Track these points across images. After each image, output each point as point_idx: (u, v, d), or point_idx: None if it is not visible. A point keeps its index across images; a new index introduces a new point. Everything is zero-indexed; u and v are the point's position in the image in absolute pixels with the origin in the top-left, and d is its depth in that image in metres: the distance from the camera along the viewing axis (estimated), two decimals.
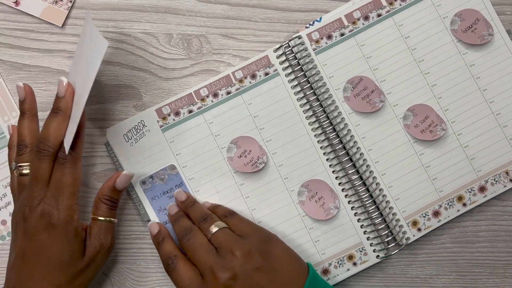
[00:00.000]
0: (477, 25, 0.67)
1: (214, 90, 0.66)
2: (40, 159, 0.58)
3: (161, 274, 0.67)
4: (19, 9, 0.68)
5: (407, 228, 0.66)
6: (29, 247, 0.57)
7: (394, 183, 0.66)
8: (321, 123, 0.66)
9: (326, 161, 0.66)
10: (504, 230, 0.68)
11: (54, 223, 0.57)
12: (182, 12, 0.69)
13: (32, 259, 0.57)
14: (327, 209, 0.65)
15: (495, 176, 0.66)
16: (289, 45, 0.66)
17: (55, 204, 0.57)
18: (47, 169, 0.58)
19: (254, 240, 0.58)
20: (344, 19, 0.67)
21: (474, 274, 0.67)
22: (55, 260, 0.57)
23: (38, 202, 0.57)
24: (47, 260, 0.57)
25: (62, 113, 0.58)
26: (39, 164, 0.58)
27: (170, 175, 0.66)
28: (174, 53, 0.68)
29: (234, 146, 0.65)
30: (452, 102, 0.67)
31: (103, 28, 0.68)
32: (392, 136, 0.66)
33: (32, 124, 0.61)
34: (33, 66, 0.68)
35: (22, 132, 0.61)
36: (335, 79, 0.66)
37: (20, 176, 0.60)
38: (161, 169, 0.66)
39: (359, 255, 0.65)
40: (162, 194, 0.66)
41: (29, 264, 0.57)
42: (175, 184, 0.66)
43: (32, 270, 0.57)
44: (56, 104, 0.59)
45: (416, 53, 0.67)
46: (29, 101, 0.61)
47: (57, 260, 0.57)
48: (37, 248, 0.57)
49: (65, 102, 0.58)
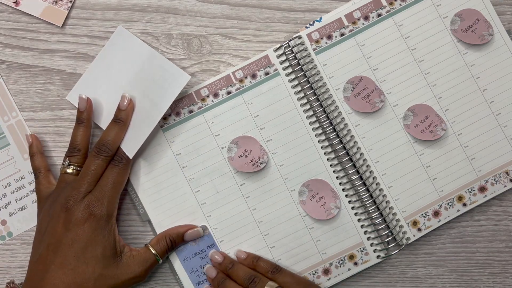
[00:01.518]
0: (477, 25, 0.67)
1: (214, 90, 0.66)
2: (97, 157, 0.62)
3: (161, 274, 0.67)
4: (19, 9, 0.68)
5: (407, 228, 0.66)
6: (65, 237, 0.60)
7: (394, 183, 0.66)
8: (321, 123, 0.66)
9: (327, 161, 0.66)
10: (504, 230, 0.68)
11: (97, 215, 0.60)
12: (182, 12, 0.69)
13: (66, 249, 0.59)
14: (328, 209, 0.65)
15: (495, 176, 0.66)
16: (289, 45, 0.66)
17: (102, 198, 0.61)
18: (101, 167, 0.62)
19: None
20: (344, 19, 0.67)
21: (474, 274, 0.67)
22: (88, 253, 0.60)
23: (84, 195, 0.61)
24: (81, 251, 0.59)
25: (122, 123, 0.64)
26: (95, 161, 0.62)
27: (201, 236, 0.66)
28: (174, 53, 0.68)
29: (234, 146, 0.65)
30: (452, 102, 0.67)
31: (103, 28, 0.68)
32: (392, 136, 0.66)
33: (86, 132, 0.65)
34: (33, 66, 0.68)
35: (76, 137, 0.65)
36: (335, 79, 0.66)
37: (64, 173, 0.64)
38: None
39: (360, 255, 0.65)
40: (194, 255, 0.66)
41: (62, 253, 0.59)
42: (207, 245, 0.66)
43: (64, 259, 0.59)
44: (117, 115, 0.64)
45: (416, 53, 0.67)
46: (88, 112, 0.65)
47: (90, 253, 0.60)
48: (73, 238, 0.59)
49: (125, 114, 0.64)
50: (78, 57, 0.68)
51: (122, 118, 0.64)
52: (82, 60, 0.68)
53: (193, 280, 0.65)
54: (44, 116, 0.68)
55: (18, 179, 0.67)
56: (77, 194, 0.61)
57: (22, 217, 0.67)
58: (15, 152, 0.67)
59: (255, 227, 0.66)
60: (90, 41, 0.68)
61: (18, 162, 0.67)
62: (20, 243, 0.67)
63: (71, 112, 0.68)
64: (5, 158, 0.67)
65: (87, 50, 0.68)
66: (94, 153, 0.63)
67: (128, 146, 0.63)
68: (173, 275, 0.66)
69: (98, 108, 0.66)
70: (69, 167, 0.64)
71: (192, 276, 0.65)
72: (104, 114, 0.66)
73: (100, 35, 0.68)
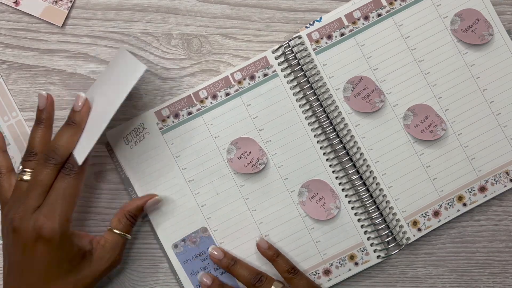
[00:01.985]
0: (477, 25, 0.67)
1: (213, 91, 0.66)
2: (46, 166, 0.57)
3: (161, 274, 0.67)
4: (19, 9, 0.68)
5: (407, 228, 0.66)
6: (23, 261, 0.56)
7: (394, 183, 0.66)
8: (321, 123, 0.66)
9: (326, 161, 0.66)
10: (504, 230, 0.68)
11: (47, 236, 0.55)
12: (182, 12, 0.68)
13: (29, 275, 0.56)
14: (328, 209, 0.65)
15: (495, 176, 0.66)
16: (289, 45, 0.66)
17: (51, 214, 0.55)
18: (50, 176, 0.57)
19: None
20: (344, 19, 0.67)
21: (474, 274, 0.68)
22: (54, 271, 0.56)
23: (33, 211, 0.56)
24: (45, 273, 0.56)
25: (76, 126, 0.59)
26: (43, 170, 0.57)
27: (202, 237, 0.66)
28: (174, 53, 0.68)
29: (234, 147, 0.65)
30: (452, 102, 0.67)
31: (103, 28, 0.68)
32: (392, 136, 0.66)
33: (46, 133, 0.60)
34: (33, 66, 0.68)
35: (34, 140, 0.60)
36: (335, 79, 0.66)
37: (20, 181, 0.58)
38: (193, 232, 0.66)
39: (361, 255, 0.65)
40: (195, 257, 0.66)
41: (26, 280, 0.56)
42: (207, 247, 0.66)
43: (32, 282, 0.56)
44: (71, 117, 0.59)
45: (416, 53, 0.67)
46: (48, 111, 0.61)
47: (56, 271, 0.56)
48: (31, 262, 0.55)
49: (79, 116, 0.59)
50: (78, 57, 0.68)
51: (75, 120, 0.59)
52: (82, 60, 0.68)
53: (194, 282, 0.65)
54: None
55: None
56: (24, 212, 0.55)
57: None
58: (15, 152, 0.67)
59: (255, 228, 0.66)
60: (90, 41, 0.68)
61: (18, 162, 0.67)
62: None
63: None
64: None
65: (87, 50, 0.68)
66: (42, 160, 0.57)
67: (79, 152, 0.58)
68: (173, 275, 0.66)
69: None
70: (25, 174, 0.58)
71: (193, 278, 0.65)
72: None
73: (100, 35, 0.68)
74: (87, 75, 0.68)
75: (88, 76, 0.68)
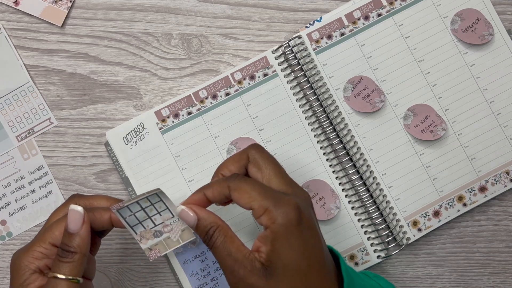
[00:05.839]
0: (478, 25, 0.67)
1: (213, 91, 0.66)
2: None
3: (161, 274, 0.67)
4: (19, 9, 0.68)
5: (407, 228, 0.66)
6: None
7: (394, 183, 0.66)
8: (321, 123, 0.66)
9: (326, 161, 0.66)
10: (504, 230, 0.68)
11: None
12: (182, 12, 0.68)
13: None
14: (328, 209, 0.65)
15: (496, 176, 0.66)
16: (289, 45, 0.66)
17: None
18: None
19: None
20: (344, 19, 0.67)
21: (474, 274, 0.68)
22: None
23: None
24: None
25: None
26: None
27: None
28: (174, 53, 0.68)
29: (233, 147, 0.65)
30: (452, 102, 0.67)
31: (103, 28, 0.68)
32: (392, 136, 0.66)
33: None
34: (33, 66, 0.68)
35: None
36: (335, 79, 0.66)
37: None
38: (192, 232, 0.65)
39: (361, 255, 0.65)
40: (194, 257, 0.65)
41: None
42: (207, 248, 0.64)
43: None
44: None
45: (416, 53, 0.67)
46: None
47: None
48: None
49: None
50: (78, 57, 0.68)
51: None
52: (82, 60, 0.68)
53: (193, 283, 0.65)
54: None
55: (18, 179, 0.67)
56: None
57: (22, 217, 0.67)
58: (15, 152, 0.67)
59: (255, 229, 0.66)
60: (90, 41, 0.68)
61: (18, 162, 0.67)
62: (20, 243, 0.67)
63: (71, 112, 0.68)
64: (5, 158, 0.67)
65: (87, 50, 0.68)
66: None
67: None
68: (173, 276, 0.66)
69: None
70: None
71: (192, 279, 0.65)
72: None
73: (100, 35, 0.68)
74: (87, 75, 0.68)
75: (88, 76, 0.68)
